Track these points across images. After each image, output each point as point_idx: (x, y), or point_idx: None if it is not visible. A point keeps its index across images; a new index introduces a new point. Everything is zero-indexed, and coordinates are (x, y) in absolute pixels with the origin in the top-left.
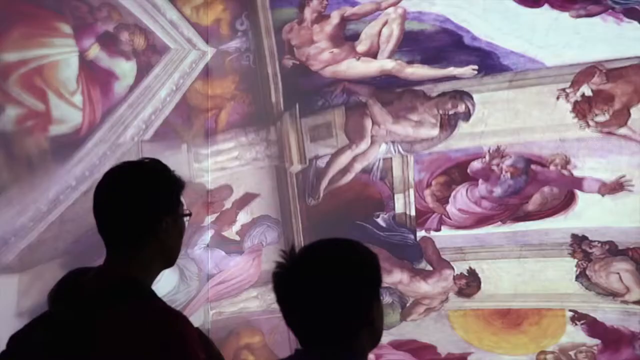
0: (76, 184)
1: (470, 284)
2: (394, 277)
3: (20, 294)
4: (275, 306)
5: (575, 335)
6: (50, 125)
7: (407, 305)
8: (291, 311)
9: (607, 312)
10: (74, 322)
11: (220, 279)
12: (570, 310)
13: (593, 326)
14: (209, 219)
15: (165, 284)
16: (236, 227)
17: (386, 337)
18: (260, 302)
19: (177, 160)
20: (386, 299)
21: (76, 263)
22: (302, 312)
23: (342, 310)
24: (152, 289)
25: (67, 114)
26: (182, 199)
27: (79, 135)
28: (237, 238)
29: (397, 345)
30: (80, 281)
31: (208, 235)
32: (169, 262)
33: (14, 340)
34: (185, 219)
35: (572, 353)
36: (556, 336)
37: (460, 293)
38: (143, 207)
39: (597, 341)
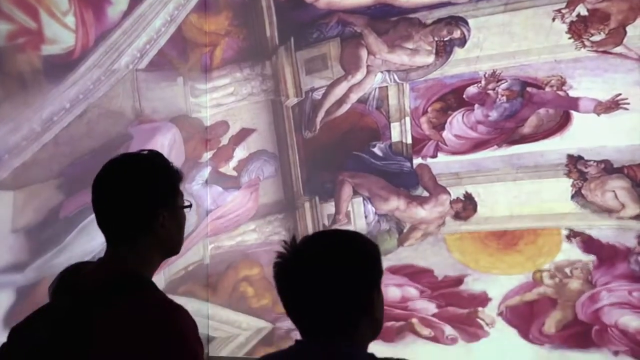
0: (70, 106)
1: (466, 207)
2: (390, 205)
3: (16, 211)
4: (274, 237)
5: (571, 252)
6: (43, 44)
7: (404, 231)
8: (292, 302)
9: (603, 229)
10: (73, 315)
11: (219, 214)
12: (565, 229)
13: (588, 243)
14: (207, 155)
15: None
16: (233, 162)
17: (384, 263)
18: (258, 234)
19: (173, 93)
20: (383, 225)
21: (72, 185)
22: (303, 303)
23: (342, 301)
24: (153, 281)
25: (60, 34)
26: (182, 190)
27: (72, 57)
28: (234, 173)
29: (395, 270)
30: (80, 274)
31: (206, 171)
32: (170, 252)
33: (15, 332)
34: (186, 210)
35: (567, 270)
36: (552, 254)
37: (457, 217)
38: (140, 201)
39: (592, 257)
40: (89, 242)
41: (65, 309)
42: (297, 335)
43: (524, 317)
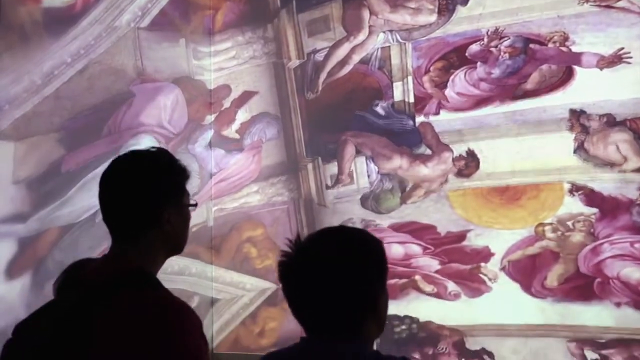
0: (71, 61)
1: (469, 164)
2: (393, 163)
3: (17, 162)
4: (277, 198)
5: (573, 206)
6: None
7: (407, 189)
8: (297, 301)
9: (605, 182)
10: (76, 313)
11: (222, 176)
12: (568, 183)
13: (591, 196)
14: (211, 118)
15: None
16: (235, 125)
17: (386, 221)
18: (261, 196)
19: (175, 54)
20: (386, 184)
21: (72, 140)
22: (308, 301)
23: (348, 300)
24: (158, 278)
25: None
26: (187, 189)
27: (73, 11)
28: (237, 136)
29: (398, 227)
30: (85, 271)
31: (209, 134)
32: (175, 250)
33: (19, 329)
34: (191, 208)
35: (569, 223)
36: (554, 208)
37: (459, 174)
38: (146, 198)
39: (594, 210)
40: (91, 198)
41: (69, 306)
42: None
43: (527, 271)
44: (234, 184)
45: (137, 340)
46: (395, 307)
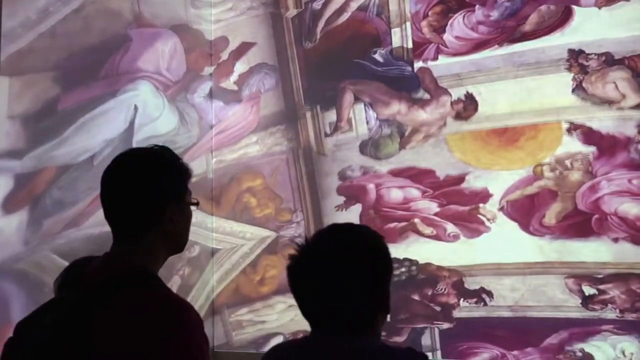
0: None
1: (467, 107)
2: (392, 109)
3: (12, 98)
4: (276, 148)
5: (571, 145)
6: None
7: (406, 134)
8: (306, 302)
9: (603, 120)
10: (77, 311)
11: (220, 128)
12: (566, 122)
13: (589, 135)
14: (210, 69)
15: (164, 122)
16: (234, 77)
17: (385, 166)
18: (260, 146)
19: (173, 0)
20: (385, 130)
21: (68, 79)
22: (317, 302)
23: (358, 300)
24: (159, 276)
25: None
26: (189, 188)
27: None
28: (235, 88)
29: (397, 172)
30: (86, 269)
31: (208, 85)
32: (176, 249)
33: (20, 327)
34: (193, 207)
35: (568, 162)
36: (552, 148)
37: (458, 117)
38: (149, 196)
39: (592, 149)
40: (89, 139)
41: (70, 305)
42: (301, 242)
43: (525, 211)
44: (233, 136)
45: (137, 340)
46: (394, 250)
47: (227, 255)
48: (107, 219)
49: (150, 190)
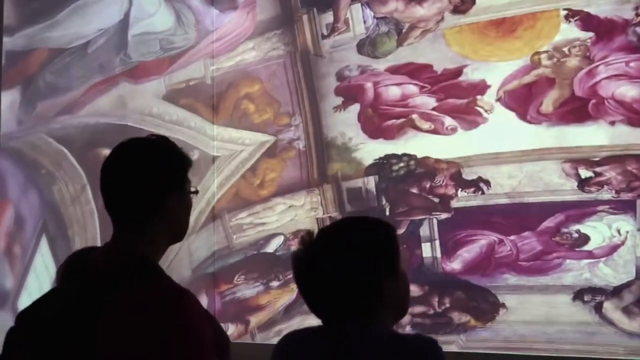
0: None
1: (465, 0)
2: (389, 6)
3: None
4: (273, 53)
5: (569, 32)
6: None
7: (403, 31)
8: (313, 297)
9: (601, 5)
10: (79, 302)
11: (217, 36)
12: (564, 9)
13: (587, 20)
14: None
15: (160, 20)
16: None
17: (383, 64)
18: (257, 52)
19: None
20: (382, 28)
21: None
22: (322, 293)
23: (362, 292)
24: (160, 265)
25: None
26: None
27: None
28: None
29: (394, 69)
30: (88, 259)
31: None
32: (177, 238)
33: (22, 317)
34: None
35: (565, 49)
36: (550, 36)
37: (456, 10)
38: (150, 186)
39: (590, 34)
40: (84, 26)
41: (73, 294)
42: (299, 144)
43: (522, 100)
44: (229, 43)
45: (140, 331)
46: (393, 147)
47: (227, 161)
48: (108, 209)
49: (150, 179)
